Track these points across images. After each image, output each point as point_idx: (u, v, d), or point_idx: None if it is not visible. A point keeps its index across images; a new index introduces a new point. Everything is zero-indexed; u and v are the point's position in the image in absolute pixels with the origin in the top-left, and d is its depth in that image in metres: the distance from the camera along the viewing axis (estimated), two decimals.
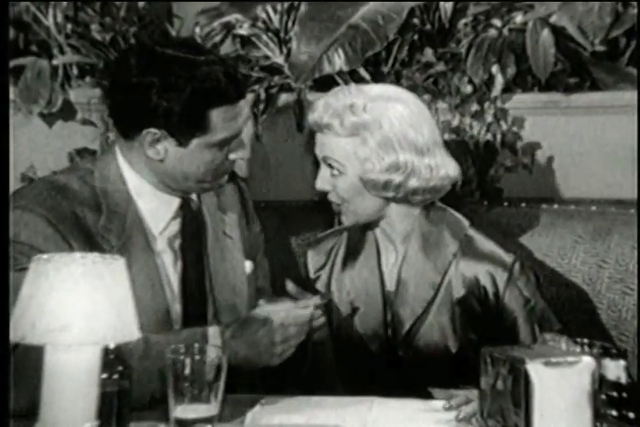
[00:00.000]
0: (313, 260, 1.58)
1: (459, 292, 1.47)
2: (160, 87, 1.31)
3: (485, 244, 1.50)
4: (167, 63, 1.33)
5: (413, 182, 1.45)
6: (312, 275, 1.57)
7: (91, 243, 1.33)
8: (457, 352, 1.47)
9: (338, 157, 1.45)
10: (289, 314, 1.33)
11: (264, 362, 1.33)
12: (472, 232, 1.51)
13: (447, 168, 1.47)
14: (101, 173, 1.40)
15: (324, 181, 1.48)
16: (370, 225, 1.52)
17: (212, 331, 1.31)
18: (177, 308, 1.42)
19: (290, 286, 1.43)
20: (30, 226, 1.31)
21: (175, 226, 1.43)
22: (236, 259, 1.49)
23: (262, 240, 1.60)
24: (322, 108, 1.45)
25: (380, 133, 1.43)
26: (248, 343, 1.30)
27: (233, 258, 1.48)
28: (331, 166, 1.46)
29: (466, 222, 1.52)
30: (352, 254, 1.54)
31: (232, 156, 1.40)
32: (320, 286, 1.56)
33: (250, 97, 1.40)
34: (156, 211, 1.41)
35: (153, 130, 1.34)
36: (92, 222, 1.35)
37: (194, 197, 1.47)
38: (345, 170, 1.45)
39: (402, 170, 1.44)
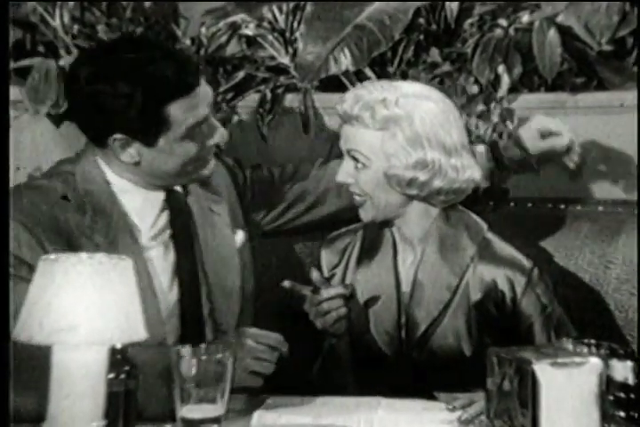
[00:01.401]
0: (326, 259, 1.57)
1: (475, 295, 1.47)
2: (111, 93, 1.31)
3: (504, 248, 1.50)
4: (114, 68, 1.33)
5: (438, 182, 1.44)
6: (326, 274, 1.56)
7: (73, 246, 1.32)
8: (471, 356, 1.46)
9: (364, 150, 1.44)
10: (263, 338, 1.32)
11: (239, 385, 1.30)
12: (490, 235, 1.51)
13: (472, 171, 1.47)
14: (83, 174, 1.40)
15: (346, 173, 1.47)
16: (387, 224, 1.52)
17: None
18: (170, 299, 1.42)
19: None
20: (12, 234, 1.31)
21: (163, 219, 1.44)
22: (225, 234, 1.49)
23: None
24: (352, 99, 1.44)
25: (410, 129, 1.42)
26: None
27: (221, 233, 1.49)
28: (355, 159, 1.46)
29: (484, 225, 1.52)
30: (367, 254, 1.53)
31: (209, 142, 1.40)
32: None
33: (205, 84, 1.37)
34: (142, 208, 1.42)
35: (117, 135, 1.35)
36: (75, 223, 1.36)
37: (178, 188, 1.47)
38: (370, 163, 1.44)
39: (428, 168, 1.43)
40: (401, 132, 1.42)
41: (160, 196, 1.44)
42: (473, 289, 1.47)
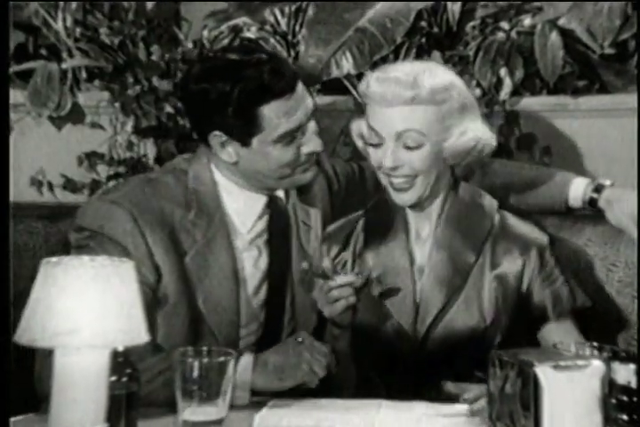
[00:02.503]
0: (330, 250, 1.54)
1: (492, 271, 1.48)
2: (213, 92, 1.38)
3: (519, 223, 1.52)
4: (218, 69, 1.41)
5: (480, 146, 1.47)
6: (331, 265, 1.54)
7: (173, 238, 1.40)
8: (487, 334, 1.46)
9: (421, 128, 1.42)
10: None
11: (298, 381, 1.34)
12: (503, 213, 1.52)
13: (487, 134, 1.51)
14: (195, 173, 1.47)
15: (396, 157, 1.43)
16: (395, 206, 1.51)
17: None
18: (254, 304, 1.46)
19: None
20: (114, 219, 1.39)
21: (262, 224, 1.48)
22: (314, 247, 1.53)
23: None
24: (395, 82, 1.41)
25: (458, 98, 1.44)
26: (276, 367, 1.33)
27: (310, 247, 1.52)
28: (406, 141, 1.42)
29: (496, 203, 1.53)
30: (376, 236, 1.52)
31: (304, 149, 1.42)
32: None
33: (305, 94, 1.41)
34: (244, 210, 1.47)
35: (217, 133, 1.41)
36: (179, 218, 1.42)
37: (281, 194, 1.51)
38: (425, 140, 1.43)
39: (476, 134, 1.45)
40: (452, 100, 1.43)
41: (262, 200, 1.48)
42: (490, 265, 1.48)
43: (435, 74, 1.44)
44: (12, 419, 1.14)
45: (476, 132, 1.46)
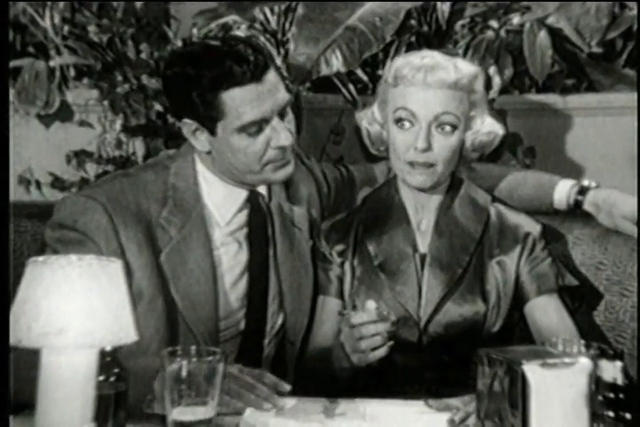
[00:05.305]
0: (330, 244, 1.55)
1: (492, 258, 1.50)
2: (180, 77, 1.38)
3: (513, 214, 1.55)
4: (188, 54, 1.41)
5: (496, 140, 1.52)
6: (335, 255, 1.55)
7: (148, 235, 1.39)
8: (487, 319, 1.48)
9: (456, 112, 1.44)
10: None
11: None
12: (497, 205, 1.55)
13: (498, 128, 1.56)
14: (177, 169, 1.46)
15: (427, 140, 1.44)
16: (394, 196, 1.54)
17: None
18: (232, 299, 1.45)
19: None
20: (88, 214, 1.38)
21: (242, 217, 1.47)
22: (303, 249, 1.53)
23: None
24: (437, 67, 1.44)
25: (481, 90, 1.47)
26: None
27: (299, 248, 1.52)
28: (441, 124, 1.44)
29: (489, 197, 1.56)
30: (376, 227, 1.53)
31: (273, 143, 1.40)
32: (347, 265, 1.54)
33: (277, 86, 1.38)
34: (223, 202, 1.46)
35: (187, 120, 1.40)
36: (155, 214, 1.41)
37: (263, 190, 1.50)
38: (458, 125, 1.45)
39: (493, 127, 1.50)
40: (480, 90, 1.46)
41: (243, 194, 1.46)
42: (489, 254, 1.50)
43: (465, 62, 1.48)
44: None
45: (492, 125, 1.50)
